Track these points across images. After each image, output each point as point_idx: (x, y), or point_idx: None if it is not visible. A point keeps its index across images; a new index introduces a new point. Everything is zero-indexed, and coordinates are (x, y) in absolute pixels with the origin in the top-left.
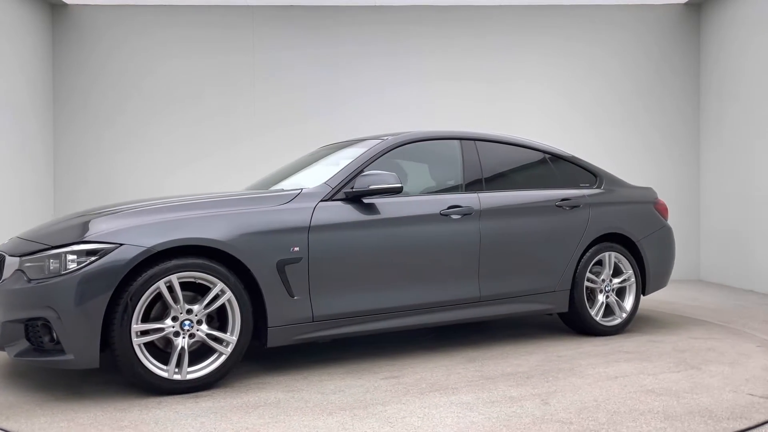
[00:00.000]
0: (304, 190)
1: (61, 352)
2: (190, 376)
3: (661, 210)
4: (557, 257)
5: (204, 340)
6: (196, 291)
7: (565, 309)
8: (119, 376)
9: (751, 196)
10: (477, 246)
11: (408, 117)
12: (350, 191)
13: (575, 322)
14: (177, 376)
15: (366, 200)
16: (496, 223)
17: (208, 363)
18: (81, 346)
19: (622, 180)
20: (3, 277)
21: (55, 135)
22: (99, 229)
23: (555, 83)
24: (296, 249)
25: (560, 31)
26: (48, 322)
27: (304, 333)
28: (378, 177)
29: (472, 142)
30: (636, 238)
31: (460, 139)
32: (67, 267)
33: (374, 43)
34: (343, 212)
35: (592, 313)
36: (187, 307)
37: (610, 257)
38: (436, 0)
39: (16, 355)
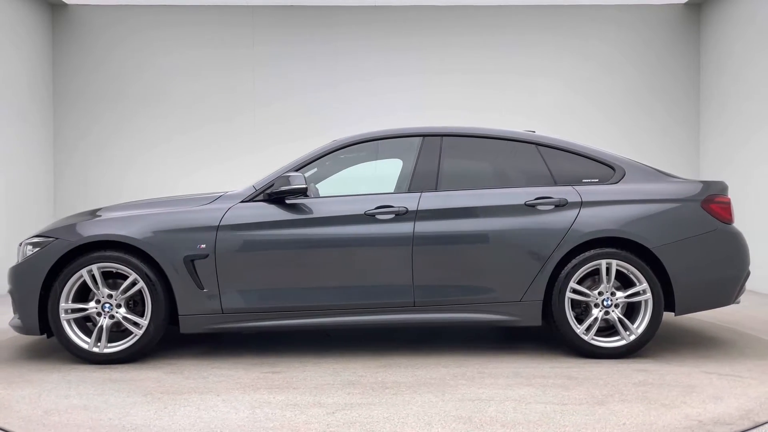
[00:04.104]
0: (228, 192)
1: (18, 319)
2: (107, 350)
3: (716, 209)
4: (521, 263)
5: (121, 322)
6: (125, 280)
7: (537, 323)
8: None
9: (751, 195)
10: (409, 248)
11: (409, 114)
12: (268, 193)
13: (561, 340)
14: (96, 349)
15: (289, 200)
16: (438, 224)
17: (125, 341)
18: (25, 315)
19: (662, 173)
20: None
21: (55, 134)
22: (53, 226)
23: (555, 82)
24: (203, 246)
25: (560, 30)
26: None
27: (214, 323)
28: (288, 179)
29: (438, 138)
30: (652, 244)
31: (423, 135)
32: (26, 254)
33: (374, 42)
34: (261, 212)
35: (578, 330)
36: (108, 292)
37: (610, 266)
38: (436, 0)
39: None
